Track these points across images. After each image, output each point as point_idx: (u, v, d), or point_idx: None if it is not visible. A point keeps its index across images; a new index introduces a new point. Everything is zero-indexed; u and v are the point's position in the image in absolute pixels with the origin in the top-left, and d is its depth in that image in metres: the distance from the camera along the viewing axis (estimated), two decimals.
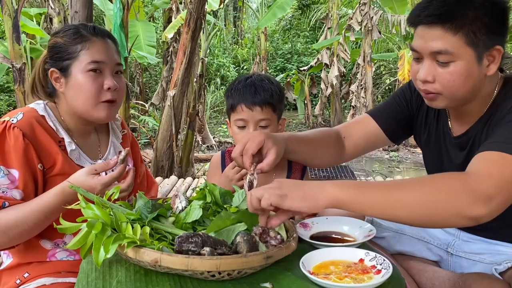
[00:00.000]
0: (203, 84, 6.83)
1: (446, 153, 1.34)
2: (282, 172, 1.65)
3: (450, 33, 1.10)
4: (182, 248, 0.87)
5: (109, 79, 1.31)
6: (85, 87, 1.28)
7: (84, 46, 1.29)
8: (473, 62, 1.11)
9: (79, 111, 1.31)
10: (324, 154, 1.42)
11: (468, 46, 1.10)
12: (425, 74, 1.15)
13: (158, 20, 11.87)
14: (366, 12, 8.18)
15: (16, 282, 1.27)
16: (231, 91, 1.52)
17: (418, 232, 1.43)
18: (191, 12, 4.79)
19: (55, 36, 1.35)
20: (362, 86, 8.62)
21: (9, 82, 9.16)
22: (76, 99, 1.30)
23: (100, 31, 1.35)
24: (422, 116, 1.41)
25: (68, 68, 1.29)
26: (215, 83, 12.96)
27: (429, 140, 1.39)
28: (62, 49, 1.31)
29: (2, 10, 4.16)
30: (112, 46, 1.36)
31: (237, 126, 1.50)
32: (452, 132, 1.30)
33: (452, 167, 1.30)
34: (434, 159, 1.39)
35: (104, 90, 1.30)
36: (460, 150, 1.28)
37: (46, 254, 1.30)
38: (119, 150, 1.37)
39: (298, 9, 15.06)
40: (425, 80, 1.16)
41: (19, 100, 4.27)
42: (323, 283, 0.87)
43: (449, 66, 1.12)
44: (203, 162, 6.56)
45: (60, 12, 7.21)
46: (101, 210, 0.94)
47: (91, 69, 1.28)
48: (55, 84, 1.32)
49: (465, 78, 1.12)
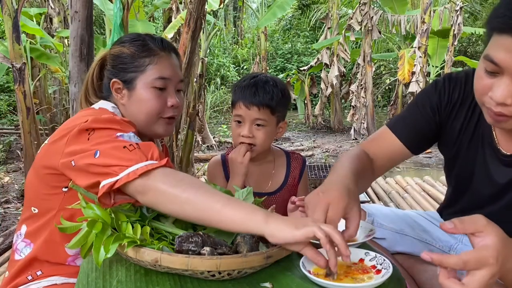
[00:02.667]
0: (203, 84, 6.82)
1: (484, 168, 1.23)
2: (281, 171, 1.66)
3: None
4: (182, 247, 0.87)
5: (173, 96, 1.30)
6: (149, 103, 1.27)
7: (152, 60, 1.27)
8: None
9: (140, 125, 1.28)
10: (366, 182, 1.31)
11: None
12: (506, 95, 0.96)
13: (158, 20, 11.86)
14: (366, 12, 8.18)
15: (27, 278, 1.25)
16: (236, 87, 1.56)
17: (420, 233, 1.42)
18: (191, 12, 4.79)
19: (120, 45, 1.31)
20: (362, 86, 8.61)
21: (9, 82, 9.15)
22: (138, 113, 1.28)
23: (167, 45, 1.33)
24: (455, 125, 1.25)
25: (133, 81, 1.27)
26: (215, 83, 12.95)
27: (459, 152, 1.27)
28: (128, 60, 1.28)
29: (2, 10, 4.16)
30: (177, 62, 1.34)
31: (235, 121, 1.55)
32: (500, 148, 1.18)
33: (489, 183, 1.22)
34: (463, 172, 1.29)
35: (168, 107, 1.29)
36: (506, 167, 1.18)
37: (66, 259, 1.27)
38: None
39: (298, 9, 15.05)
40: (504, 102, 0.97)
41: (19, 100, 4.26)
42: (323, 283, 0.87)
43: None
44: (203, 162, 6.56)
45: (60, 12, 7.21)
46: (101, 209, 0.94)
47: (157, 86, 1.27)
48: (116, 95, 1.30)
49: None
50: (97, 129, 1.09)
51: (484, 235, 0.81)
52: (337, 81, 9.73)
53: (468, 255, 0.79)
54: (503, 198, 1.21)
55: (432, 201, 3.65)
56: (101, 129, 1.09)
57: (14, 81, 4.30)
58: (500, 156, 1.19)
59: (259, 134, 1.52)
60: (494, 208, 1.22)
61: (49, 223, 1.24)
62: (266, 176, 1.64)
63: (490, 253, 0.79)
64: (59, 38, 6.64)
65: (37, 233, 1.27)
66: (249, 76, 1.58)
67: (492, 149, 1.20)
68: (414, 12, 8.49)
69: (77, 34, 3.06)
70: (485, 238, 0.81)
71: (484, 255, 0.79)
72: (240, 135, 1.52)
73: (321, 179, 3.42)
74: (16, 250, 1.30)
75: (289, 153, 1.70)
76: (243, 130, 1.51)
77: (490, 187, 1.23)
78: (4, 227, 3.58)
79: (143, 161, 1.00)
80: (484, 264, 0.78)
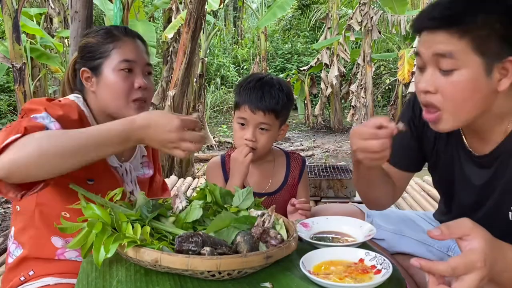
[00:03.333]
0: (203, 84, 6.83)
1: (461, 172, 1.24)
2: (281, 171, 1.66)
3: (455, 37, 0.99)
4: (182, 247, 0.87)
5: (140, 78, 1.32)
6: (116, 85, 1.29)
7: (116, 45, 1.31)
8: (480, 72, 1.00)
9: (111, 110, 1.31)
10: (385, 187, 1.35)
11: (474, 53, 0.99)
12: (427, 83, 1.04)
13: (158, 20, 11.86)
14: (366, 12, 8.18)
15: (20, 279, 1.27)
16: (240, 88, 1.54)
17: (419, 234, 1.42)
18: (191, 12, 4.79)
19: (86, 36, 1.36)
20: (362, 86, 8.61)
21: (9, 82, 9.15)
22: (107, 98, 1.31)
23: (131, 32, 1.37)
24: (430, 134, 1.28)
25: (99, 67, 1.31)
26: (215, 83, 12.96)
27: (438, 160, 1.30)
28: (94, 48, 1.32)
29: (2, 10, 4.16)
30: (142, 47, 1.37)
31: (238, 123, 1.53)
32: (471, 150, 1.20)
33: (468, 187, 1.22)
34: (444, 180, 1.31)
35: (135, 89, 1.31)
36: (480, 168, 1.19)
37: (55, 252, 1.29)
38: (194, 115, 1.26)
39: (298, 9, 15.05)
40: (426, 90, 1.05)
41: (19, 100, 4.27)
42: (323, 283, 0.87)
43: (452, 75, 1.01)
44: (203, 162, 6.56)
45: (60, 12, 7.21)
46: (101, 209, 0.95)
47: (122, 68, 1.29)
48: (86, 84, 1.33)
49: (471, 90, 1.01)
50: (27, 112, 1.13)
51: (470, 239, 0.81)
52: (337, 81, 9.74)
53: (456, 260, 0.79)
54: (484, 200, 1.20)
55: (432, 201, 3.65)
56: (28, 111, 1.13)
57: (14, 81, 4.30)
58: (473, 158, 1.19)
59: (262, 138, 1.51)
60: (479, 211, 1.21)
61: (32, 219, 1.26)
62: (266, 176, 1.64)
63: (478, 257, 0.79)
64: (59, 38, 6.64)
65: (23, 232, 1.29)
66: (255, 77, 1.56)
67: (465, 151, 1.21)
68: (414, 12, 8.50)
69: (77, 34, 3.06)
70: (472, 241, 0.81)
71: (471, 260, 0.79)
72: (243, 138, 1.52)
73: (321, 179, 3.41)
74: (10, 254, 1.32)
75: (289, 153, 1.70)
76: (247, 134, 1.50)
77: (470, 190, 1.23)
78: (4, 227, 3.58)
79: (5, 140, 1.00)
80: (472, 268, 0.78)
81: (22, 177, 1.01)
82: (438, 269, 0.79)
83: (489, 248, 0.80)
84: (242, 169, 1.47)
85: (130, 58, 1.31)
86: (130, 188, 1.37)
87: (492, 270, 0.80)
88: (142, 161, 1.50)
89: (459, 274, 0.79)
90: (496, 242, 0.84)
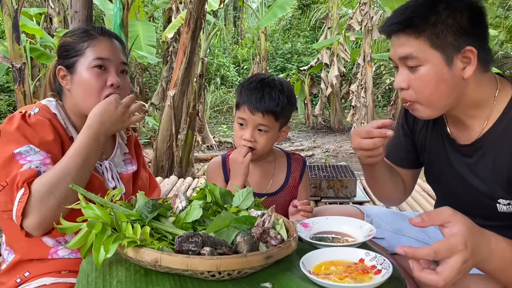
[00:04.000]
0: (203, 84, 6.83)
1: (447, 162, 1.30)
2: (281, 172, 1.66)
3: (412, 38, 1.12)
4: (182, 248, 0.87)
5: (113, 75, 1.33)
6: (89, 82, 1.30)
7: (90, 43, 1.32)
8: (442, 65, 1.11)
9: (83, 107, 1.32)
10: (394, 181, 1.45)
11: (433, 49, 1.10)
12: (399, 81, 1.17)
13: (158, 20, 11.87)
14: (366, 11, 8.18)
15: (16, 281, 1.27)
16: (242, 88, 1.54)
17: (418, 234, 1.43)
18: (191, 12, 4.79)
19: (64, 36, 1.38)
20: (362, 86, 8.62)
21: (9, 82, 9.16)
22: (80, 95, 1.32)
23: (107, 31, 1.38)
24: (421, 129, 1.38)
25: (74, 65, 1.32)
26: (215, 83, 12.96)
27: (426, 153, 1.38)
28: (70, 47, 1.34)
29: (2, 10, 4.16)
30: (118, 46, 1.38)
31: (238, 123, 1.54)
32: (455, 139, 1.27)
33: (455, 176, 1.27)
34: (433, 172, 1.37)
35: (107, 86, 1.31)
36: (463, 157, 1.25)
37: (48, 252, 1.30)
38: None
39: (298, 9, 15.06)
40: (400, 87, 1.17)
41: (19, 100, 4.27)
42: (323, 283, 0.87)
43: (418, 71, 1.13)
44: (203, 162, 6.56)
45: (60, 12, 7.22)
46: (101, 209, 0.94)
47: (95, 65, 1.30)
48: (61, 82, 1.34)
49: (436, 82, 1.12)
50: (6, 142, 1.19)
51: (451, 225, 0.85)
52: (337, 81, 9.74)
53: (438, 245, 0.83)
54: (472, 191, 1.24)
55: (432, 201, 3.65)
56: (8, 142, 1.19)
57: (14, 81, 4.30)
58: (457, 147, 1.26)
59: (261, 139, 1.51)
60: (469, 202, 1.24)
61: None
62: (266, 176, 1.64)
63: (458, 240, 0.83)
64: (59, 38, 6.63)
65: (14, 237, 1.29)
66: (257, 78, 1.55)
67: (449, 141, 1.29)
68: None
69: None
70: (453, 227, 0.85)
71: (452, 243, 0.83)
72: (241, 138, 1.52)
73: (321, 179, 3.41)
74: (4, 260, 1.33)
75: (290, 154, 1.70)
76: (245, 134, 1.50)
77: (457, 180, 1.27)
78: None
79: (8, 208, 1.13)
80: (453, 251, 0.82)
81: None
82: (421, 253, 0.83)
83: (469, 232, 0.85)
84: (242, 170, 1.47)
85: (103, 56, 1.32)
86: (112, 185, 1.38)
87: (476, 255, 0.84)
88: (124, 158, 1.51)
89: (442, 258, 0.83)
90: (477, 228, 0.88)
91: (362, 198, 3.44)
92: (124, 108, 1.27)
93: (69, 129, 1.33)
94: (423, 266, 0.84)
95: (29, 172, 1.15)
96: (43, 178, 1.15)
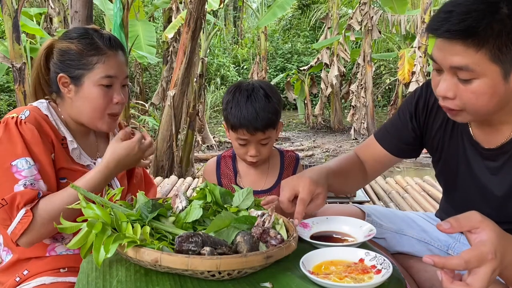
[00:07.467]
0: (203, 84, 6.83)
1: (465, 164, 1.25)
2: (275, 169, 1.67)
3: (472, 49, 0.98)
4: (182, 247, 0.87)
5: (119, 93, 1.33)
6: (96, 101, 1.30)
7: (100, 59, 1.30)
8: (499, 79, 1.01)
9: (84, 120, 1.33)
10: (353, 182, 1.45)
11: (492, 63, 0.99)
12: (445, 90, 1.05)
13: (158, 20, 11.87)
14: (366, 11, 8.18)
15: (15, 280, 1.27)
16: (230, 106, 1.49)
17: (419, 233, 1.43)
18: (191, 12, 4.79)
19: (68, 40, 1.33)
20: (362, 85, 8.62)
21: (9, 82, 9.16)
22: (84, 109, 1.32)
23: (115, 43, 1.35)
24: (435, 126, 1.30)
25: (80, 78, 1.30)
26: (215, 83, 12.96)
27: (442, 152, 1.32)
28: (75, 57, 1.30)
29: (2, 10, 4.16)
30: (123, 59, 1.37)
31: (238, 143, 1.52)
32: (479, 142, 1.20)
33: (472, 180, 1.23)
34: (448, 172, 1.32)
35: (113, 104, 1.33)
36: (486, 161, 1.20)
37: (46, 249, 1.30)
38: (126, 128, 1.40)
39: (298, 8, 15.06)
40: (444, 95, 1.06)
41: (19, 100, 4.27)
42: (323, 283, 0.87)
43: (471, 84, 1.02)
44: (203, 162, 6.56)
45: (60, 12, 7.22)
46: (101, 209, 0.94)
47: (104, 84, 1.30)
48: (62, 89, 1.33)
49: (490, 96, 1.02)
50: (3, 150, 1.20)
51: (479, 231, 0.82)
52: (337, 81, 9.74)
53: (468, 254, 0.80)
54: (489, 195, 1.20)
55: (432, 201, 3.65)
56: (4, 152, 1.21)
57: (14, 81, 4.30)
58: (480, 150, 1.20)
59: (265, 149, 1.54)
60: (485, 206, 1.20)
61: None
62: (261, 175, 1.65)
63: (488, 248, 0.79)
64: None
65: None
66: (240, 93, 1.49)
67: (471, 143, 1.22)
68: (414, 12, 8.50)
69: None
70: (481, 233, 0.81)
71: (482, 251, 0.79)
72: (246, 154, 1.53)
73: None
74: (2, 260, 1.34)
75: (283, 152, 1.72)
76: (250, 151, 1.51)
77: (474, 184, 1.23)
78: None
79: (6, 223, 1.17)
80: (483, 260, 0.79)
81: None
82: (451, 263, 0.80)
83: (498, 240, 0.81)
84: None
85: (112, 74, 1.31)
86: None
87: (502, 262, 0.81)
88: None
89: (472, 268, 0.79)
90: (505, 234, 0.84)
91: (361, 198, 3.45)
92: (141, 152, 1.31)
93: (61, 129, 1.32)
94: (452, 279, 0.81)
95: (29, 193, 1.17)
96: (49, 205, 1.18)
